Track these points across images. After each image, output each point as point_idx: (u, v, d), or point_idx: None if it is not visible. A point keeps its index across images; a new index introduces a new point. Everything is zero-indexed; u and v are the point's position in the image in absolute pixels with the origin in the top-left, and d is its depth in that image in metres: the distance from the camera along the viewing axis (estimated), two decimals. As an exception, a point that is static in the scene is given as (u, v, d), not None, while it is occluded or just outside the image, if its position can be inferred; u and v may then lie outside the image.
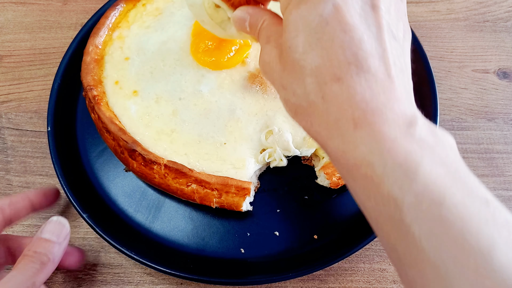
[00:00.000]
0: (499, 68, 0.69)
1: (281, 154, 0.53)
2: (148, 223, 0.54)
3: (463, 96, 0.67)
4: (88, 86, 0.56)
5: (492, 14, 0.75)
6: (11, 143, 0.63)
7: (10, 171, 0.61)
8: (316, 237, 0.52)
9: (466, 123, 0.64)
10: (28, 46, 0.72)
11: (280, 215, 0.54)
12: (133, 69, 0.59)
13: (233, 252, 0.52)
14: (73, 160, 0.57)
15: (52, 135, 0.57)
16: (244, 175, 0.52)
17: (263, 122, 0.55)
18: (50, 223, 0.47)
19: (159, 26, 0.62)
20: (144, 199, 0.55)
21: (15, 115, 0.65)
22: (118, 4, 0.64)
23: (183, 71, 0.58)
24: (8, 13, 0.75)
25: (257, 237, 0.52)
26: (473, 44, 0.71)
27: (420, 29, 0.73)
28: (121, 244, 0.49)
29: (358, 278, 0.53)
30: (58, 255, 0.45)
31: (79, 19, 0.74)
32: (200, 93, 0.57)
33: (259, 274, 0.49)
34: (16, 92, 0.67)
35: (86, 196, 0.54)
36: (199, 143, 0.54)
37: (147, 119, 0.55)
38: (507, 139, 0.63)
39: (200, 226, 0.53)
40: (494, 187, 0.59)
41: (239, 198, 0.50)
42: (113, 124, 0.53)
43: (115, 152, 0.54)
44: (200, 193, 0.50)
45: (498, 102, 0.66)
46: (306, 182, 0.55)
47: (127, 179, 0.56)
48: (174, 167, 0.50)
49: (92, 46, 0.60)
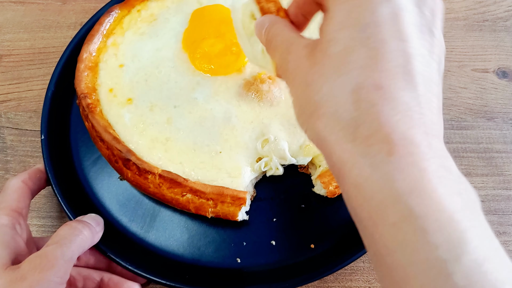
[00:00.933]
0: (498, 68, 0.69)
1: (277, 163, 0.53)
2: (143, 232, 0.53)
3: (462, 95, 0.67)
4: (81, 94, 0.55)
5: (492, 13, 0.75)
6: (11, 142, 0.63)
7: (10, 171, 0.60)
8: (313, 246, 0.52)
9: (466, 122, 0.64)
10: (28, 46, 0.72)
11: (276, 224, 0.53)
12: (127, 77, 0.58)
13: (229, 261, 0.51)
14: (67, 169, 0.56)
15: (46, 143, 0.56)
16: (240, 184, 0.51)
17: (259, 130, 0.54)
18: (88, 215, 0.48)
19: (154, 32, 0.62)
20: (139, 208, 0.55)
21: (14, 115, 0.65)
22: (113, 11, 0.63)
23: (178, 78, 0.58)
24: (7, 13, 0.75)
25: (253, 247, 0.52)
26: (472, 43, 0.72)
27: None
28: (115, 254, 0.49)
29: (357, 278, 0.53)
30: (93, 239, 0.46)
31: (79, 19, 0.74)
32: (195, 101, 0.56)
33: (255, 284, 0.49)
34: (15, 92, 0.67)
35: (80, 205, 0.53)
36: (194, 151, 0.53)
37: (142, 127, 0.55)
38: (507, 139, 0.63)
39: (195, 236, 0.53)
40: (493, 186, 0.59)
41: (235, 207, 0.50)
42: (107, 133, 0.52)
43: (109, 161, 0.54)
44: (195, 203, 0.50)
45: (497, 102, 0.66)
46: (303, 190, 0.55)
47: (122, 188, 0.56)
48: (168, 176, 0.50)
49: (86, 53, 0.59)
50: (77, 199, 0.54)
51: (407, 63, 0.26)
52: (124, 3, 0.64)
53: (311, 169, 0.55)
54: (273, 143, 0.53)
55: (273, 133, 0.54)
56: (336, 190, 0.51)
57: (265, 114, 0.55)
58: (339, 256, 0.49)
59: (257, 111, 0.55)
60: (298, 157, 0.53)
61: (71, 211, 0.51)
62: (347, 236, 0.52)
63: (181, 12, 0.63)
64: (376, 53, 0.26)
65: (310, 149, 0.53)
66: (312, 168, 0.55)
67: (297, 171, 0.56)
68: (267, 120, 0.55)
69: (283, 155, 0.53)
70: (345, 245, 0.51)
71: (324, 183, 0.50)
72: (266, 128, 0.54)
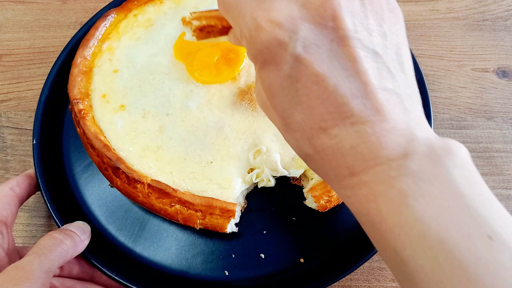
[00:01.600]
0: (498, 67, 0.69)
1: (269, 175, 0.52)
2: (131, 241, 0.52)
3: (462, 95, 0.66)
4: (74, 100, 0.55)
5: (492, 13, 0.74)
6: (11, 142, 0.63)
7: (10, 170, 0.61)
8: (302, 260, 0.51)
9: (466, 122, 0.64)
10: (27, 45, 0.72)
11: (266, 237, 0.52)
12: (121, 82, 0.58)
13: (216, 274, 0.50)
14: (57, 175, 0.56)
15: (38, 148, 0.56)
16: (230, 196, 0.51)
17: (251, 140, 0.53)
18: (74, 223, 0.48)
19: (150, 38, 0.61)
20: (128, 216, 0.54)
21: (14, 114, 0.65)
22: (109, 15, 0.62)
23: (172, 85, 0.57)
24: (7, 12, 0.75)
25: (242, 259, 0.51)
26: (472, 43, 0.71)
27: (420, 28, 0.72)
28: (102, 264, 0.48)
29: (357, 277, 0.53)
30: (76, 249, 0.45)
31: (79, 18, 0.74)
32: (188, 109, 0.55)
33: (243, 298, 0.48)
34: (15, 91, 0.67)
35: (69, 212, 0.53)
36: (185, 161, 0.52)
37: (133, 135, 0.54)
38: (506, 138, 0.62)
39: (184, 246, 0.52)
40: (493, 186, 0.59)
41: (224, 220, 0.49)
42: (98, 140, 0.52)
43: (99, 168, 0.53)
44: (183, 214, 0.49)
45: (497, 101, 0.66)
46: (294, 203, 0.54)
47: (112, 195, 0.55)
48: (157, 186, 0.49)
49: (80, 58, 0.59)
50: (66, 206, 0.53)
51: (335, 96, 0.28)
52: (121, 7, 0.64)
53: (304, 181, 0.55)
54: (265, 154, 0.52)
55: (265, 144, 0.53)
56: (327, 205, 0.50)
57: (258, 124, 0.54)
58: (329, 272, 0.48)
59: (250, 120, 0.55)
60: (290, 169, 0.53)
61: (60, 219, 0.51)
62: (338, 251, 0.51)
63: (178, 18, 0.62)
64: (307, 107, 0.30)
65: (302, 161, 0.52)
66: (305, 180, 0.54)
67: (290, 183, 0.55)
68: (260, 130, 0.54)
69: (275, 167, 0.52)
70: (336, 261, 0.50)
71: (315, 197, 0.50)
72: (258, 139, 0.53)
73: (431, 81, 0.67)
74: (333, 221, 0.53)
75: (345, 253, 0.50)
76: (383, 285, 0.52)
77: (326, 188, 0.50)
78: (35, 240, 0.55)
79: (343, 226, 0.52)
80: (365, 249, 0.48)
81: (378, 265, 0.53)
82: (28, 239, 0.56)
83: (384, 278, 0.53)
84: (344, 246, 0.51)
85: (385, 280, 0.52)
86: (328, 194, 0.49)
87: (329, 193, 0.49)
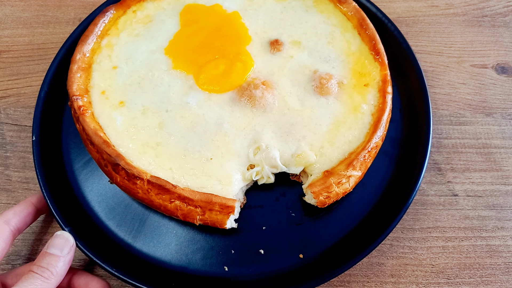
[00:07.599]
0: (497, 63, 0.69)
1: (269, 172, 0.52)
2: (131, 237, 0.53)
3: (461, 91, 0.66)
4: (73, 96, 0.55)
5: (491, 9, 0.74)
6: (10, 138, 0.63)
7: (9, 167, 0.61)
8: (301, 256, 0.51)
9: (464, 118, 0.64)
10: (26, 41, 0.72)
11: (265, 233, 0.53)
12: (120, 79, 0.58)
13: (216, 269, 0.51)
14: (57, 171, 0.56)
15: (37, 144, 0.56)
16: (229, 192, 0.51)
17: (251, 137, 0.54)
18: (55, 237, 0.47)
19: (149, 34, 0.61)
20: (128, 212, 0.54)
21: (13, 110, 0.65)
22: (108, 11, 0.62)
23: (171, 81, 0.57)
24: (6, 8, 0.75)
25: (241, 255, 0.51)
26: (471, 39, 0.71)
27: (419, 24, 0.72)
28: (102, 260, 0.49)
29: (356, 272, 0.53)
30: (63, 269, 0.45)
31: (77, 14, 0.74)
32: (187, 105, 0.55)
33: (242, 293, 0.49)
34: (14, 88, 0.67)
35: (70, 209, 0.53)
36: (185, 157, 0.52)
37: (133, 131, 0.54)
38: (505, 134, 0.63)
39: (183, 242, 0.52)
40: (491, 181, 0.59)
41: (223, 216, 0.49)
42: (97, 136, 0.52)
43: (99, 164, 0.53)
44: (183, 210, 0.49)
45: (496, 97, 0.66)
46: (294, 198, 0.54)
47: (112, 191, 0.55)
48: (157, 183, 0.49)
49: (79, 54, 0.59)
50: (67, 203, 0.53)
51: None
52: (120, 3, 0.64)
53: (303, 178, 0.55)
54: (264, 151, 0.52)
55: (265, 140, 0.53)
56: (326, 200, 0.50)
57: (258, 120, 0.54)
58: (328, 268, 0.48)
59: (249, 117, 0.55)
60: (289, 166, 0.53)
61: (61, 215, 0.51)
62: (337, 247, 0.51)
63: (177, 14, 0.62)
64: None
65: (302, 158, 0.52)
66: (304, 176, 0.55)
67: (289, 179, 0.55)
68: (259, 127, 0.54)
69: (275, 163, 0.52)
70: (335, 256, 0.50)
71: (314, 193, 0.50)
72: (258, 135, 0.53)
73: (430, 77, 0.67)
74: (332, 217, 0.53)
75: (344, 249, 0.50)
76: (382, 280, 0.52)
77: (325, 184, 0.50)
78: (29, 242, 0.55)
79: (342, 222, 0.53)
80: (364, 245, 0.49)
81: (377, 261, 0.53)
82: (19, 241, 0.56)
83: (383, 274, 0.53)
84: (343, 242, 0.51)
85: (383, 276, 0.53)
86: (327, 190, 0.50)
87: (328, 189, 0.50)
